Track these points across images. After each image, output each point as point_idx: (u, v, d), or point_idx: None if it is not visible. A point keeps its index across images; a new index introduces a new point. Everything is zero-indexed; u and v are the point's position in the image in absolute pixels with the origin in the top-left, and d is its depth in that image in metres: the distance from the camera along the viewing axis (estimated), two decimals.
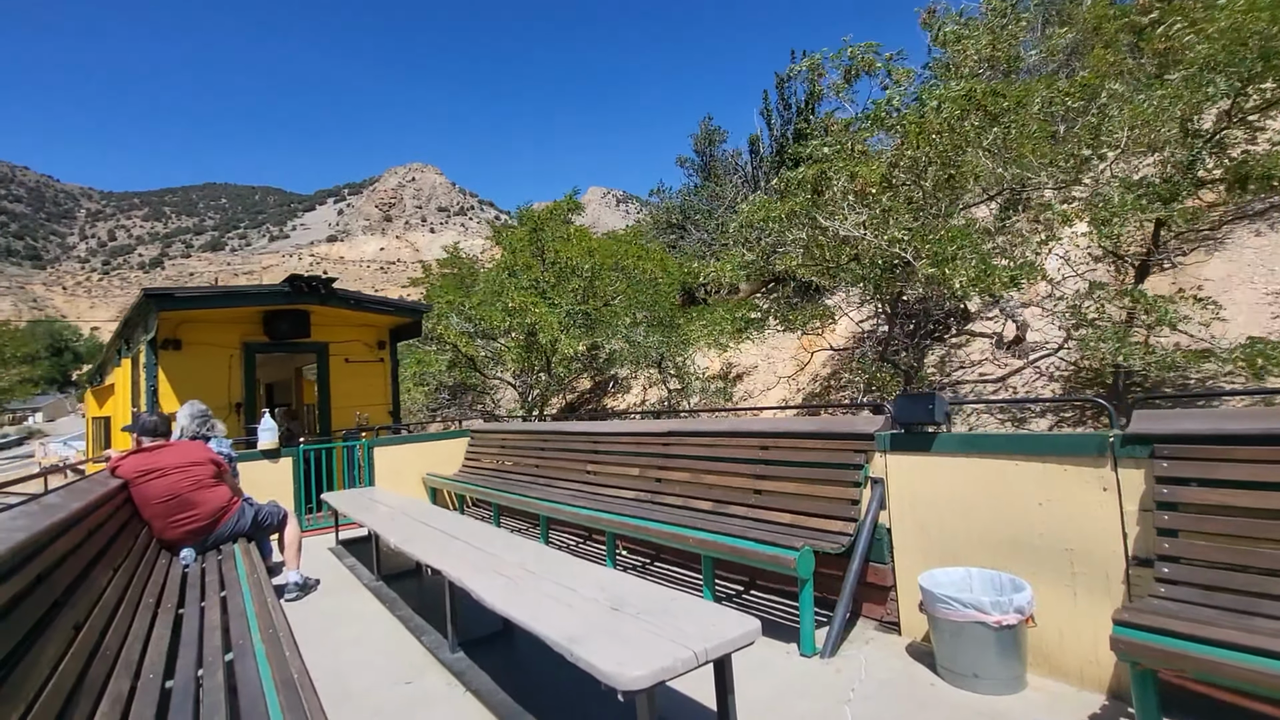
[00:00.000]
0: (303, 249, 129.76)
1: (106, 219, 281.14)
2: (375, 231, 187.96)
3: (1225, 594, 2.07)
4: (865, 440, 3.37)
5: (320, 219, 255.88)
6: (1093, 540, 2.50)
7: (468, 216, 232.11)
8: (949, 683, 2.63)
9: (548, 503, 4.82)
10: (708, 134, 19.64)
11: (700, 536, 3.44)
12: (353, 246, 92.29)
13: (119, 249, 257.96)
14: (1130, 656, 1.94)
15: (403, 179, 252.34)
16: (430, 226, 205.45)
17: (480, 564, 2.97)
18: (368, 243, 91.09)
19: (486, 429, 7.62)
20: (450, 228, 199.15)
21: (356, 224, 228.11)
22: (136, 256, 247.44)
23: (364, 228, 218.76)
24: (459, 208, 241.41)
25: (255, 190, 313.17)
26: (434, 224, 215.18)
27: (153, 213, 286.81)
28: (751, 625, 2.06)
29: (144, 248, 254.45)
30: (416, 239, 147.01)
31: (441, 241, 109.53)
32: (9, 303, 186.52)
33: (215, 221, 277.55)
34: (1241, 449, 2.17)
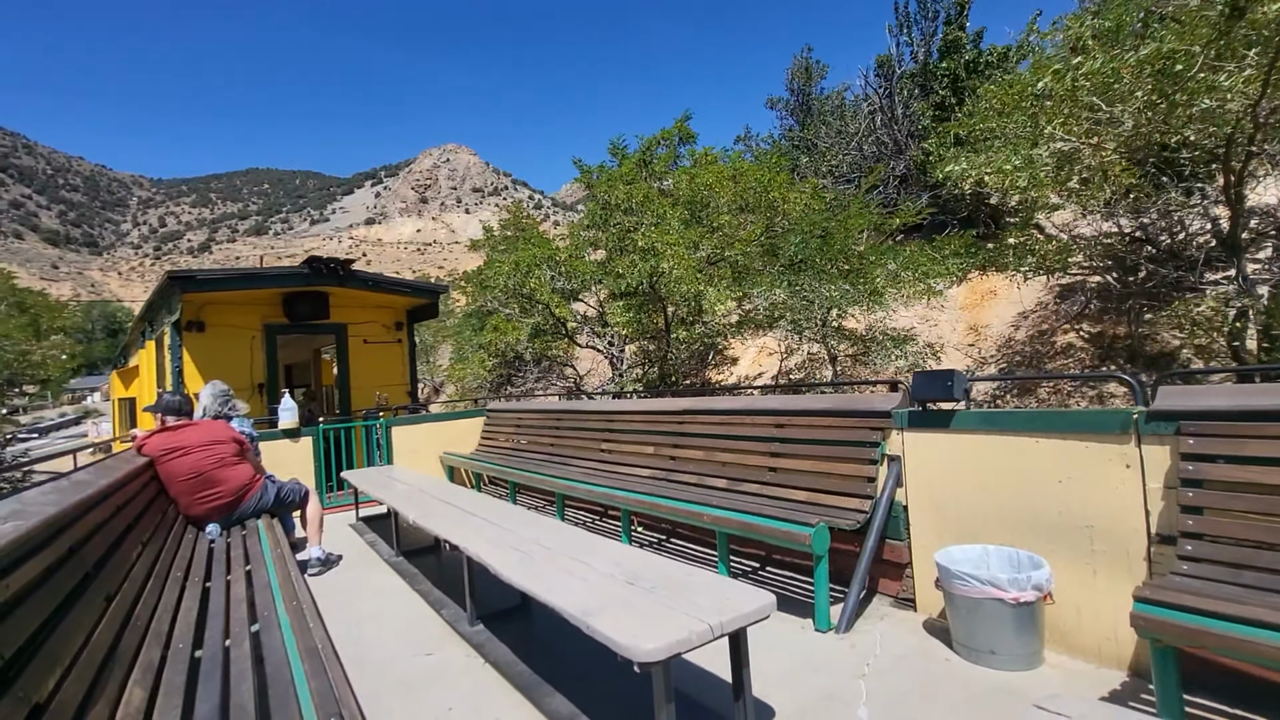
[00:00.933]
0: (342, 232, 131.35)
1: (157, 206, 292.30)
2: (411, 213, 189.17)
3: (1251, 571, 2.03)
4: (882, 418, 3.34)
5: (358, 202, 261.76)
6: (1114, 517, 2.47)
7: (501, 197, 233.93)
8: (964, 659, 2.63)
9: (563, 480, 4.85)
10: (805, 68, 16.56)
11: (715, 513, 3.45)
12: (390, 229, 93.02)
13: (169, 235, 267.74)
14: (1151, 633, 1.92)
15: (437, 160, 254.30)
16: (465, 207, 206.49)
17: (497, 539, 3.01)
18: (404, 225, 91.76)
19: (502, 408, 7.68)
20: (485, 208, 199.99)
21: (393, 206, 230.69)
22: (185, 241, 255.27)
23: (400, 210, 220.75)
24: (493, 188, 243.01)
25: (296, 175, 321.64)
26: (469, 204, 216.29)
27: (200, 199, 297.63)
28: (766, 600, 2.07)
29: (192, 233, 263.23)
30: (452, 220, 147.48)
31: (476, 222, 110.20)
32: (69, 287, 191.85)
33: (259, 206, 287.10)
34: (1272, 425, 2.12)
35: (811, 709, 2.37)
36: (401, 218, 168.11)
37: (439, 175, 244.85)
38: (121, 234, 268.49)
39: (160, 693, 1.79)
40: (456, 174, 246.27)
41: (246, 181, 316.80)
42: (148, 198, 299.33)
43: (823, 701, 2.41)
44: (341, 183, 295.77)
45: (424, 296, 9.16)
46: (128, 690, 1.74)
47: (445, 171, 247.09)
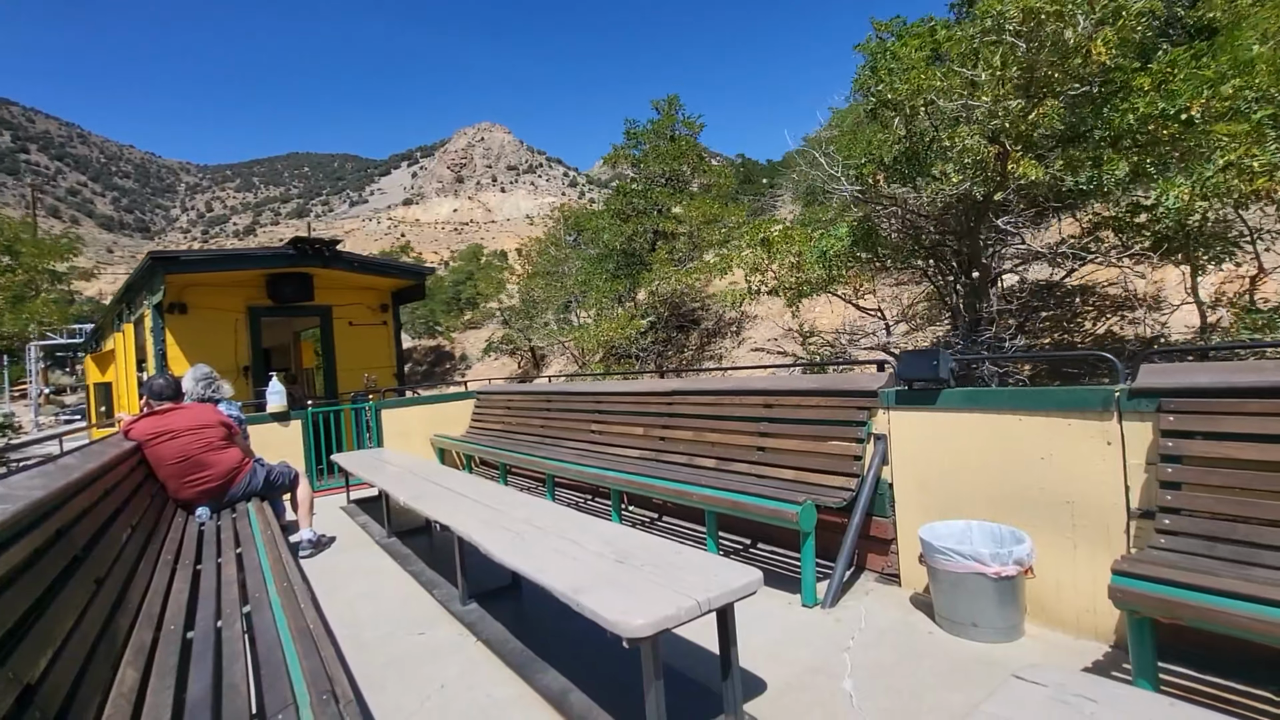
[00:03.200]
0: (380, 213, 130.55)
1: (203, 191, 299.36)
2: (448, 193, 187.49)
3: (1226, 544, 2.09)
4: (868, 397, 3.37)
5: (395, 183, 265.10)
6: (1094, 493, 2.52)
7: (537, 175, 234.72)
8: (947, 631, 2.69)
9: (553, 461, 4.87)
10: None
11: (703, 493, 3.49)
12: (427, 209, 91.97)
13: (215, 219, 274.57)
14: (1128, 605, 1.97)
15: (472, 139, 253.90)
16: (501, 186, 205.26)
17: (488, 520, 3.03)
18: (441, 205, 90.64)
19: (492, 390, 7.68)
20: (520, 186, 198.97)
21: (430, 186, 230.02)
22: (231, 225, 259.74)
23: (437, 189, 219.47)
24: (528, 165, 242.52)
25: (334, 158, 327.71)
26: (504, 183, 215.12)
27: (244, 184, 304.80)
28: (753, 576, 2.10)
29: (237, 217, 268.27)
30: (488, 199, 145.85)
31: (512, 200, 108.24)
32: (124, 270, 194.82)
33: (300, 190, 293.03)
34: (1249, 402, 2.16)
35: (798, 681, 2.43)
36: (438, 198, 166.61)
37: (474, 154, 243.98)
38: (171, 219, 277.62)
39: (153, 673, 1.80)
40: (491, 152, 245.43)
41: (287, 165, 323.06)
42: (195, 183, 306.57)
43: (809, 674, 2.46)
44: (379, 165, 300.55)
45: (410, 278, 9.10)
46: (120, 671, 1.75)
47: (480, 150, 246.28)
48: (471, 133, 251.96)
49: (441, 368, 32.34)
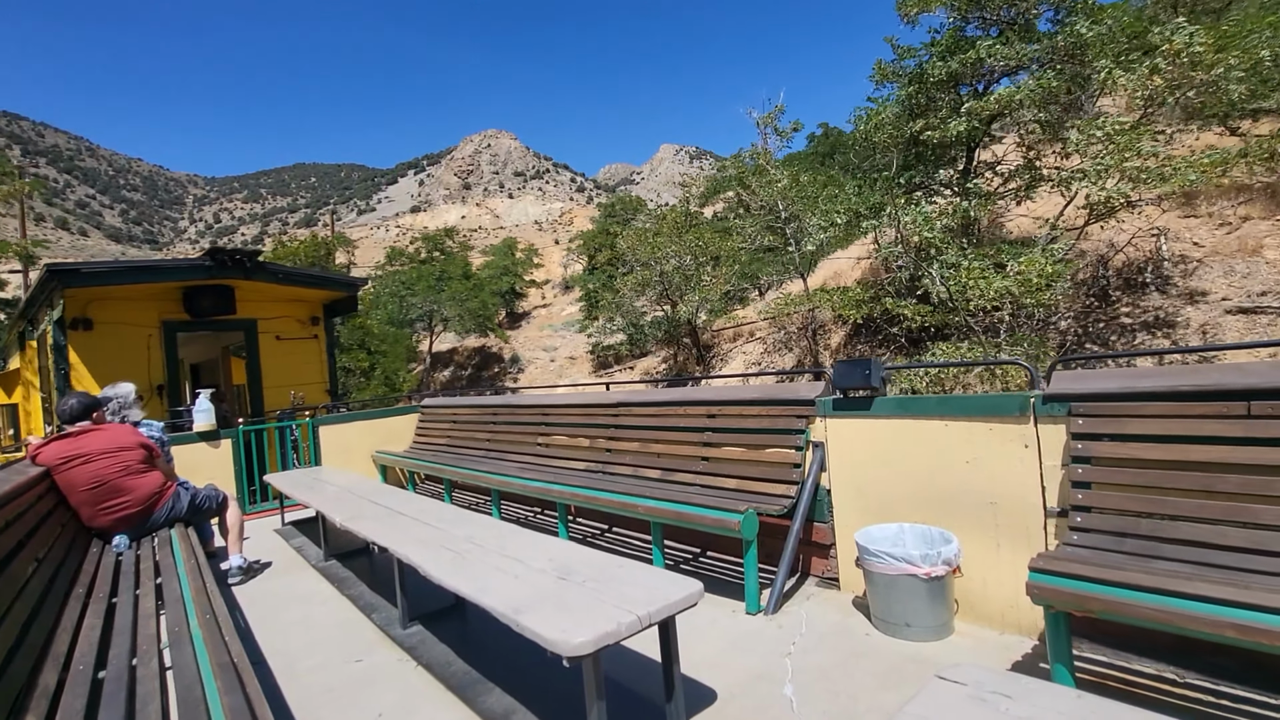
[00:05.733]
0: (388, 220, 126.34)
1: (211, 203, 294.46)
2: (455, 200, 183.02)
3: (1132, 539, 2.23)
4: (807, 405, 3.46)
5: (403, 191, 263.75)
6: (1014, 494, 2.65)
7: (544, 180, 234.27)
8: (883, 632, 2.78)
9: (499, 476, 4.80)
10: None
11: (648, 504, 3.50)
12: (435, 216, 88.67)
13: (224, 230, 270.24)
14: (1044, 600, 2.08)
15: (478, 146, 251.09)
16: (508, 192, 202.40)
17: (428, 539, 2.96)
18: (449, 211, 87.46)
19: (437, 403, 7.51)
20: (528, 192, 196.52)
21: (437, 193, 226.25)
22: (239, 236, 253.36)
23: (444, 197, 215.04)
24: (535, 171, 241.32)
25: (340, 168, 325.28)
26: (511, 189, 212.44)
27: (251, 195, 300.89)
28: (694, 588, 2.12)
29: (245, 227, 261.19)
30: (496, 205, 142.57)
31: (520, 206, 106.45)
32: None
33: (307, 200, 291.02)
34: (1150, 405, 2.33)
35: (742, 689, 2.46)
36: (446, 205, 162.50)
37: (480, 161, 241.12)
38: (179, 230, 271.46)
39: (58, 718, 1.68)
40: (498, 159, 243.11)
41: (294, 176, 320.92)
42: (202, 195, 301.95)
43: (752, 682, 2.50)
44: (385, 173, 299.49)
45: (341, 290, 8.82)
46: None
47: (487, 157, 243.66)
48: (478, 139, 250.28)
49: (489, 371, 30.87)
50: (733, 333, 19.37)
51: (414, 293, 30.28)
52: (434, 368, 30.47)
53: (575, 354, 28.37)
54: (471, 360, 31.66)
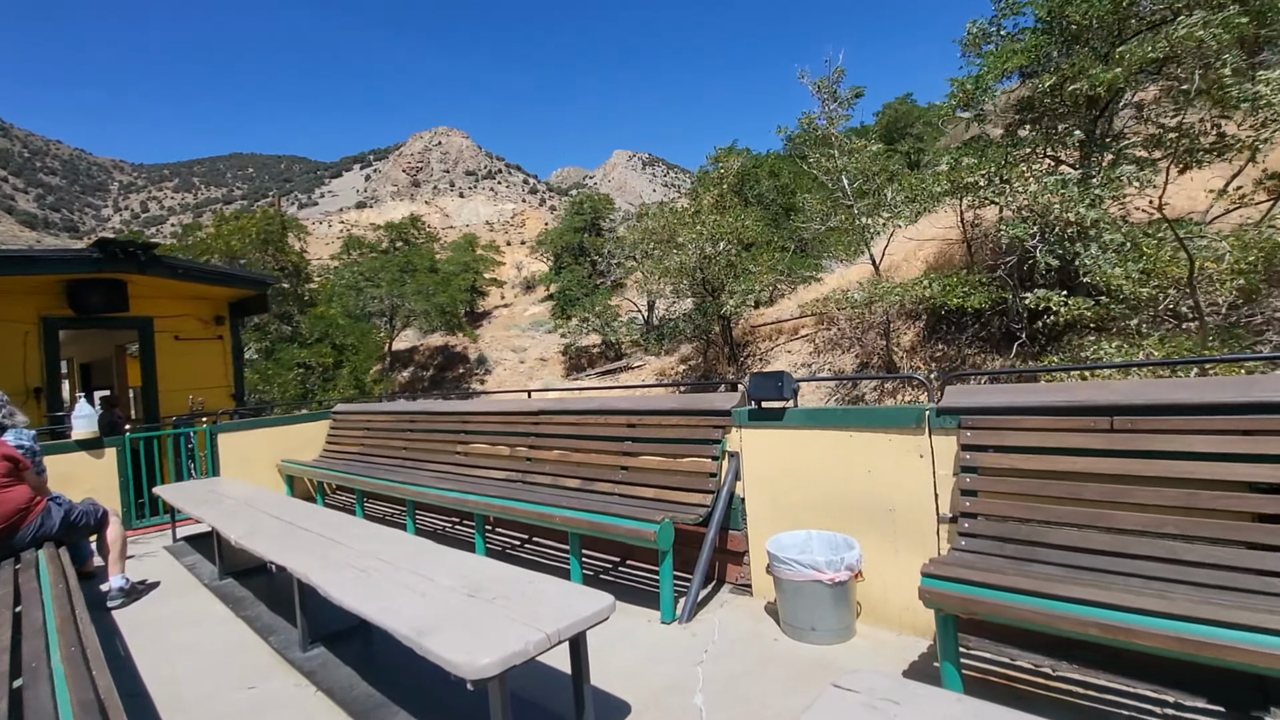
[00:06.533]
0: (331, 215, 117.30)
1: (139, 190, 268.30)
2: (404, 197, 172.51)
3: (1012, 544, 2.40)
4: (723, 416, 3.54)
5: (348, 185, 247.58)
6: (911, 501, 2.80)
7: (496, 181, 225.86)
8: (790, 637, 2.86)
9: (413, 486, 4.64)
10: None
11: (566, 515, 3.48)
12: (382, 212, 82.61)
13: (152, 219, 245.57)
14: (935, 604, 2.21)
15: (429, 143, 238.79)
16: (459, 191, 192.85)
17: (331, 557, 2.82)
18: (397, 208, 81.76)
19: (350, 409, 7.18)
20: (479, 191, 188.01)
21: (385, 189, 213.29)
22: (169, 227, 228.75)
23: (392, 193, 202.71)
24: (487, 171, 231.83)
25: (281, 159, 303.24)
26: (462, 188, 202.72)
27: (182, 184, 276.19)
28: (605, 602, 2.12)
29: (176, 218, 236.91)
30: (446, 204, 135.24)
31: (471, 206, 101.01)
32: None
33: (244, 191, 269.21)
34: (1028, 419, 2.51)
35: (653, 701, 2.47)
36: (393, 201, 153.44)
37: (430, 158, 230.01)
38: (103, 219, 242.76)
39: None
40: (449, 157, 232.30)
41: (230, 166, 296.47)
42: (129, 182, 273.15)
43: (664, 692, 2.52)
44: (329, 166, 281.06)
45: (249, 288, 8.30)
46: None
47: (437, 154, 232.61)
48: (428, 136, 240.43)
49: (453, 372, 28.81)
50: (771, 330, 16.95)
51: (375, 285, 28.25)
52: (392, 367, 28.84)
53: (546, 355, 27.39)
54: (433, 360, 29.93)
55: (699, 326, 18.05)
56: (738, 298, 15.37)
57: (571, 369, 24.69)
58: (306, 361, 19.18)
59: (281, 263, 20.79)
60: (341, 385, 19.53)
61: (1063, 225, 8.56)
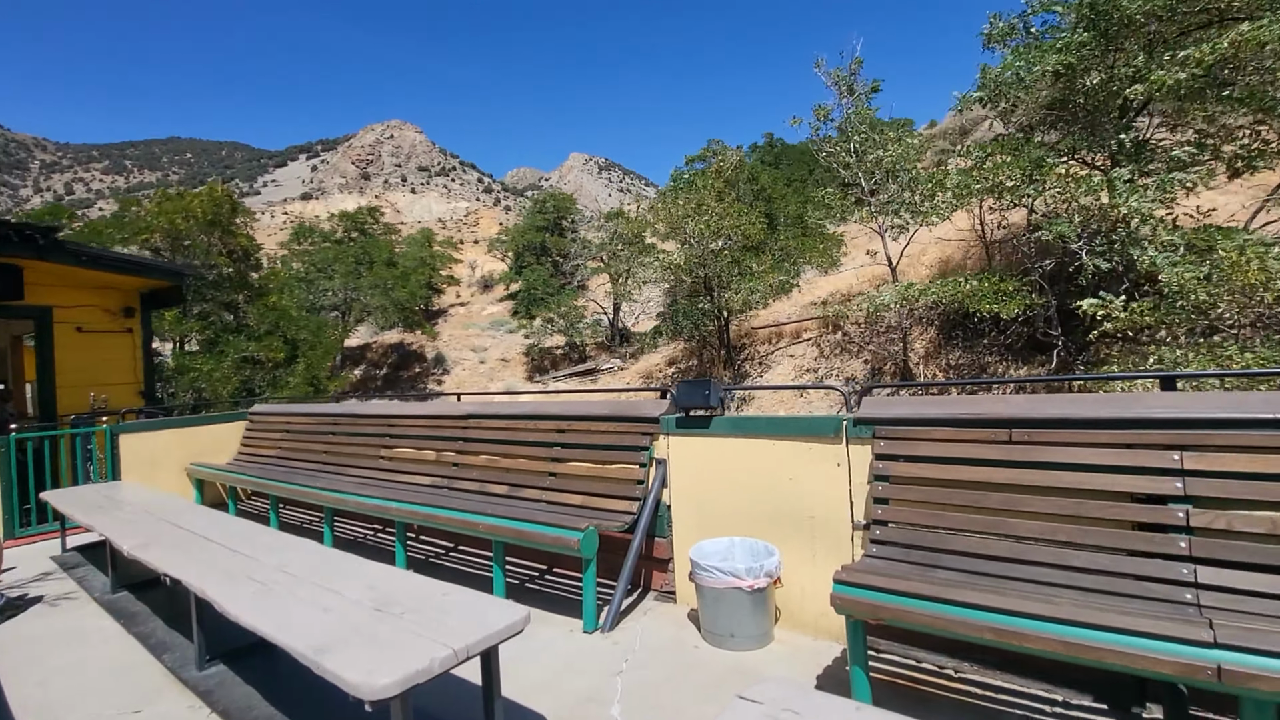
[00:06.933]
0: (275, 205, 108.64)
1: (63, 171, 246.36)
2: (353, 190, 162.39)
3: (918, 551, 2.49)
4: (651, 423, 3.54)
5: (293, 175, 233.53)
6: (829, 509, 2.87)
7: (450, 178, 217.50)
8: (710, 644, 2.89)
9: (332, 493, 4.45)
10: None
11: (490, 522, 3.40)
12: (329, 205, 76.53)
13: (77, 203, 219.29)
14: (845, 610, 2.26)
15: (380, 136, 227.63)
16: (411, 186, 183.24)
17: (233, 568, 2.67)
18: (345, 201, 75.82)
19: (268, 410, 6.83)
20: (432, 188, 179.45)
21: (332, 181, 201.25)
22: (97, 210, 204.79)
23: (340, 185, 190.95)
24: (440, 168, 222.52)
25: (221, 145, 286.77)
26: (415, 184, 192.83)
27: (113, 166, 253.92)
28: (519, 614, 2.07)
29: (104, 202, 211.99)
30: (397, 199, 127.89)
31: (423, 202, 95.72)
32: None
33: (180, 176, 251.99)
34: (936, 430, 2.62)
35: (569, 713, 2.44)
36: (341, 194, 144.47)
37: (382, 151, 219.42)
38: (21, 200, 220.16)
39: None
40: (401, 151, 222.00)
41: (166, 150, 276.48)
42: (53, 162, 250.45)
43: (581, 704, 2.49)
44: (273, 155, 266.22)
45: (163, 278, 7.78)
46: None
47: (389, 148, 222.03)
48: (380, 129, 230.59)
49: (408, 371, 27.04)
50: (769, 333, 16.11)
51: (328, 277, 26.54)
52: (343, 366, 27.31)
53: (508, 356, 26.45)
54: (387, 359, 28.36)
55: (697, 325, 16.79)
56: (744, 295, 14.47)
57: (535, 370, 24.08)
58: (255, 356, 17.54)
59: (230, 246, 19.18)
60: (296, 382, 17.87)
61: (1108, 227, 8.25)
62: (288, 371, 18.00)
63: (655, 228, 16.30)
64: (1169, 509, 2.06)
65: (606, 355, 22.61)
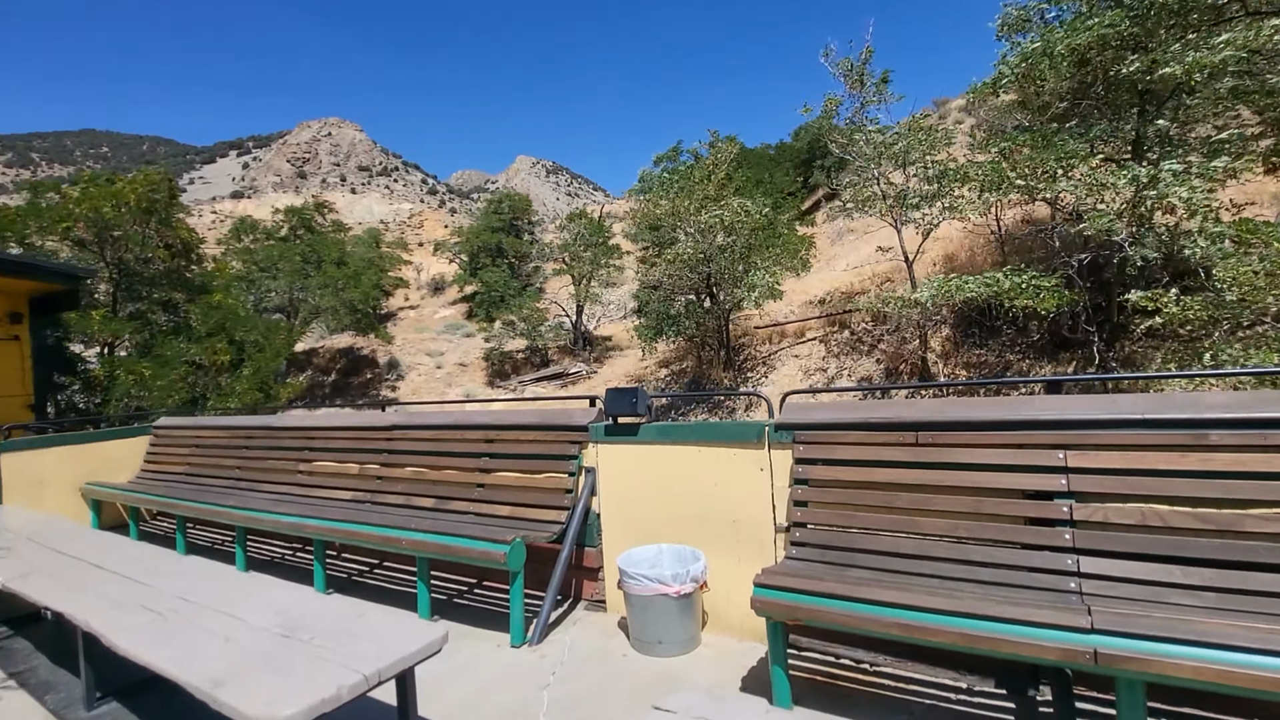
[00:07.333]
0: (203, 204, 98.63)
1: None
2: (288, 189, 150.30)
3: (834, 551, 2.58)
4: (580, 431, 3.53)
5: (222, 172, 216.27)
6: (752, 513, 2.94)
7: (392, 178, 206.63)
8: (639, 652, 2.90)
9: (244, 511, 4.21)
10: None
11: (413, 537, 3.30)
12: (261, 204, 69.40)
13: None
14: (765, 612, 2.32)
15: (317, 133, 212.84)
16: (351, 186, 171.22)
17: (125, 599, 2.48)
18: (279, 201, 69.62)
19: (176, 423, 6.41)
20: (374, 189, 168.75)
21: (265, 180, 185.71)
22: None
23: (274, 184, 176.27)
24: (382, 168, 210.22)
25: (143, 139, 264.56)
26: (355, 184, 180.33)
27: (18, 158, 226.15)
28: (437, 633, 2.02)
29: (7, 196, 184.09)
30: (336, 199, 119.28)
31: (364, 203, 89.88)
32: None
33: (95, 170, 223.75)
34: (851, 433, 2.72)
35: None
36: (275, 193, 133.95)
37: (319, 150, 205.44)
38: None
39: None
40: (340, 149, 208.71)
41: (79, 143, 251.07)
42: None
43: None
44: (200, 151, 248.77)
45: (56, 281, 7.18)
46: None
47: (326, 146, 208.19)
48: (317, 126, 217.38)
49: (359, 377, 25.01)
50: (770, 332, 15.23)
51: (272, 276, 24.57)
52: (288, 371, 25.37)
53: (466, 360, 25.31)
54: (336, 364, 26.52)
55: (699, 324, 15.42)
56: (758, 292, 13.33)
57: (496, 375, 23.27)
58: (199, 360, 15.49)
59: (167, 238, 17.18)
60: (244, 389, 15.81)
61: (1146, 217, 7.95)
62: (233, 377, 16.38)
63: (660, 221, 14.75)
64: (1055, 504, 2.22)
65: (571, 359, 22.30)
